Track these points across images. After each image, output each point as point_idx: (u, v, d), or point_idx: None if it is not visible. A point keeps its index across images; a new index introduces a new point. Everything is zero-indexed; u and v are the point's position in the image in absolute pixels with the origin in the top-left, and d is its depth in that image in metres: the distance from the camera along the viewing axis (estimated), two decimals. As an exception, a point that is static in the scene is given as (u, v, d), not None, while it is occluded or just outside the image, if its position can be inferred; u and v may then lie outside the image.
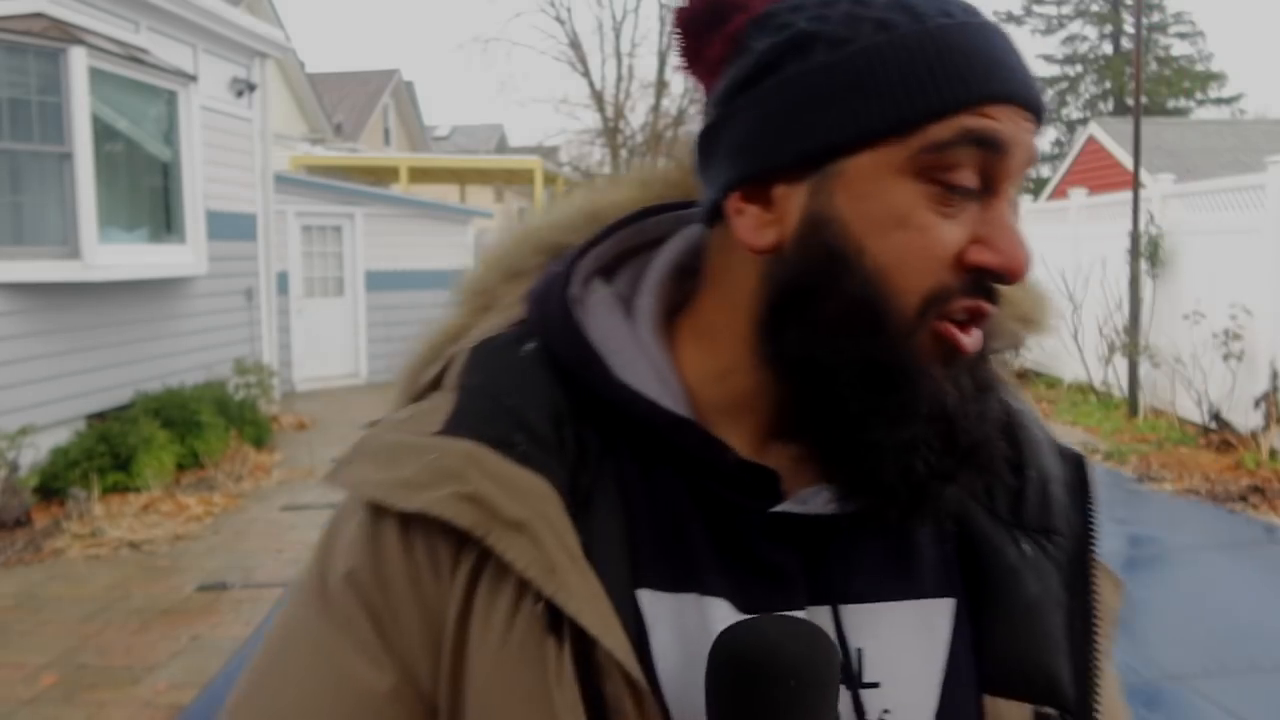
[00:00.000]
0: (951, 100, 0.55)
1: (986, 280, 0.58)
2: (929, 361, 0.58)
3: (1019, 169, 0.58)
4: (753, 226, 0.60)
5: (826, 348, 0.58)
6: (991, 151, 0.56)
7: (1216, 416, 8.08)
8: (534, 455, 0.59)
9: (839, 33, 0.57)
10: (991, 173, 0.57)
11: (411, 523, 0.59)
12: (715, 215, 0.63)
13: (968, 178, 0.57)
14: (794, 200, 0.58)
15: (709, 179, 0.63)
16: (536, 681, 0.56)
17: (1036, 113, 0.58)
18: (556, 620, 0.56)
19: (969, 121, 0.56)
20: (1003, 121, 0.57)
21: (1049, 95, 28.90)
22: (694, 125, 0.67)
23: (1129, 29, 27.51)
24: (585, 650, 0.56)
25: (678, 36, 0.64)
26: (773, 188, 0.59)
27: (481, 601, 0.58)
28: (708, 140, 0.63)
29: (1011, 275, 0.58)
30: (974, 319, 0.59)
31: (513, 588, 0.57)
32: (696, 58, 0.64)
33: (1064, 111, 28.89)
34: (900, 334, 0.57)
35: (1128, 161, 11.18)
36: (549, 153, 25.38)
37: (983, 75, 0.56)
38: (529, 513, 0.57)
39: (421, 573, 0.59)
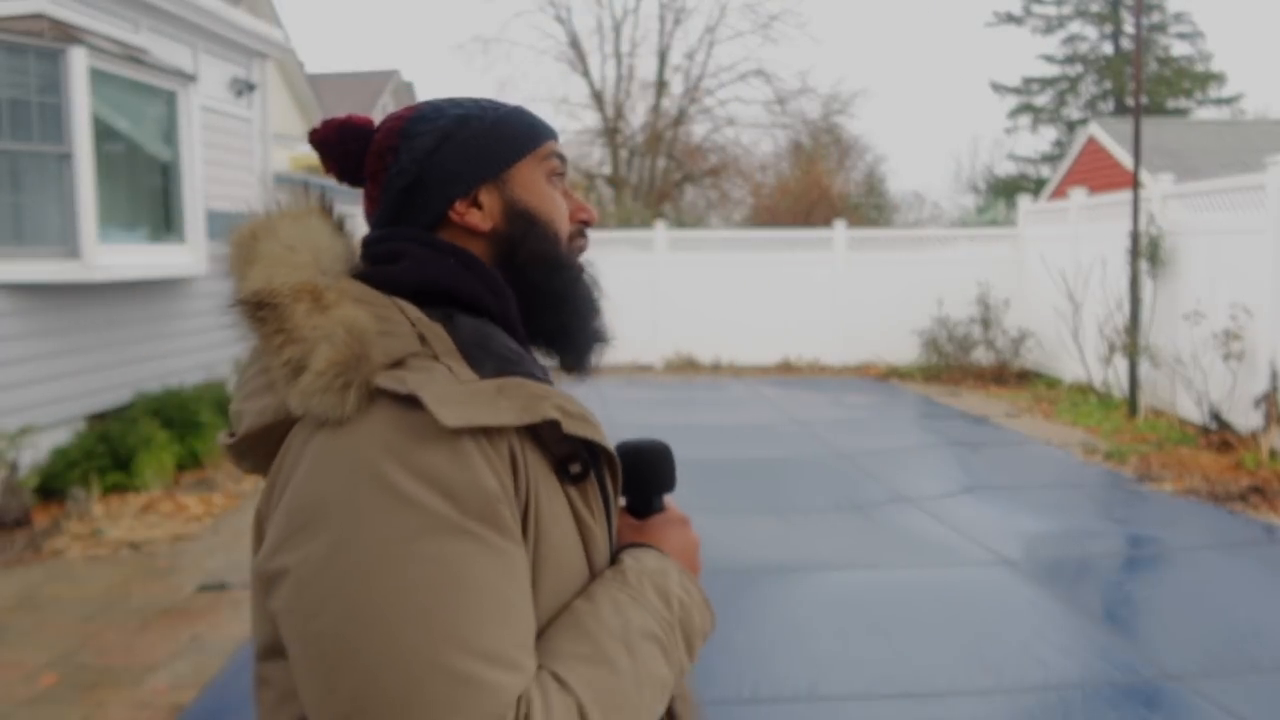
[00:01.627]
0: (546, 135, 1.09)
1: (583, 226, 1.12)
2: (579, 264, 1.11)
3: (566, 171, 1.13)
4: (479, 219, 1.04)
5: (539, 271, 1.05)
6: (562, 161, 1.11)
7: (1216, 416, 8.08)
8: (545, 375, 1.03)
9: (478, 113, 1.07)
10: (563, 172, 1.11)
11: (495, 435, 0.86)
12: (434, 224, 1.05)
13: (559, 173, 1.10)
14: (494, 198, 1.05)
15: (419, 207, 1.04)
16: (573, 512, 0.94)
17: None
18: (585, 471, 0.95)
19: (552, 146, 1.10)
20: (559, 146, 1.12)
21: (1049, 95, 28.87)
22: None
23: (1129, 29, 27.51)
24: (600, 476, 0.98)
25: (337, 159, 1.11)
26: (478, 196, 1.05)
27: (540, 474, 0.91)
28: (413, 188, 1.04)
29: (593, 223, 1.12)
30: (581, 243, 1.12)
31: (552, 459, 0.93)
32: (356, 172, 1.10)
33: (1064, 111, 28.82)
34: (567, 252, 1.08)
35: (1128, 161, 11.17)
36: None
37: (547, 125, 1.11)
38: (581, 406, 0.94)
39: (515, 468, 0.88)
